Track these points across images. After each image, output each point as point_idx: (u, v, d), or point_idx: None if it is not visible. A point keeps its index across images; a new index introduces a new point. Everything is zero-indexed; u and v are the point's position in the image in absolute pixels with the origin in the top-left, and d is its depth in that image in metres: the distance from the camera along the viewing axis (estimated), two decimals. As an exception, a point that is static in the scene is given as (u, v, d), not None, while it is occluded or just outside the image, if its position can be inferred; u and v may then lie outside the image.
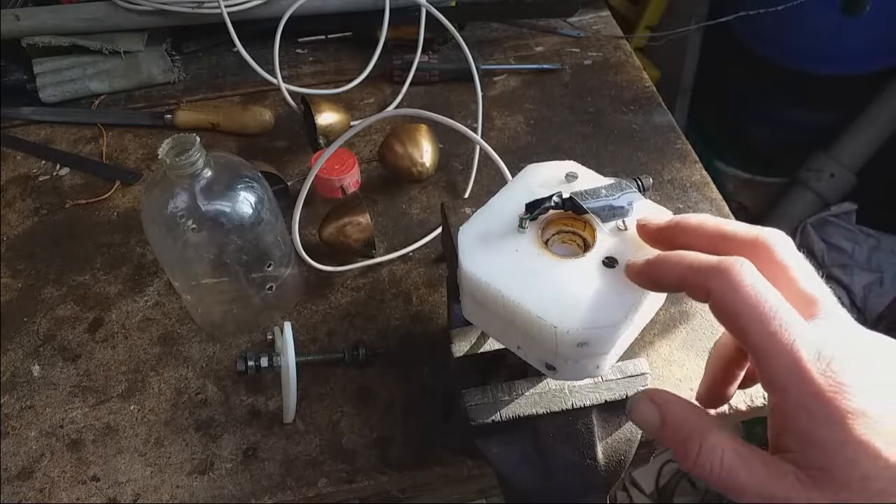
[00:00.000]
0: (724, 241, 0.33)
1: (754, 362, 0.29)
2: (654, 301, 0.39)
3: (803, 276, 0.31)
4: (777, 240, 0.32)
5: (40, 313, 0.66)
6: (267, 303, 0.61)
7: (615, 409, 0.46)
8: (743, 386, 0.38)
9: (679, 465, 0.31)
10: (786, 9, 0.92)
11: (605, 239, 0.39)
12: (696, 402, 0.40)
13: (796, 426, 0.27)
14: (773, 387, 0.28)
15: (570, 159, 0.45)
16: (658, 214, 0.39)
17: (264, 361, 0.56)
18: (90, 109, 0.87)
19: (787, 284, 0.31)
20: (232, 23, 0.79)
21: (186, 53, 0.93)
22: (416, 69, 0.84)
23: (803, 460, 0.27)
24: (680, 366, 0.59)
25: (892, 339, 0.30)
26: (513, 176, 0.54)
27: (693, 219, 0.35)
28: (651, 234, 0.37)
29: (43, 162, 0.81)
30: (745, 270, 0.29)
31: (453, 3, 0.88)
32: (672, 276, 0.33)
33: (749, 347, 0.29)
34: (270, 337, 0.59)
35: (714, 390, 0.39)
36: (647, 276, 0.35)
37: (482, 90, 0.78)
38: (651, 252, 0.37)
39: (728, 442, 0.29)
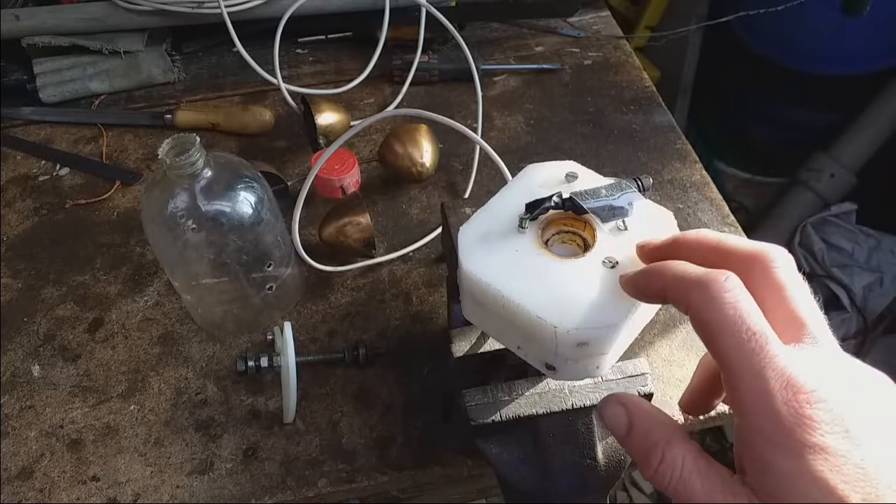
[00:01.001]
0: (722, 254, 0.32)
1: (724, 381, 0.29)
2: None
3: (798, 297, 0.30)
4: (777, 256, 0.31)
5: (40, 313, 0.66)
6: (267, 303, 0.61)
7: (615, 409, 0.46)
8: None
9: (640, 473, 0.31)
10: (786, 9, 0.92)
11: (605, 239, 0.39)
12: (678, 407, 0.40)
13: (753, 451, 0.27)
14: (738, 409, 0.28)
15: (570, 159, 0.45)
16: (659, 222, 0.39)
17: (264, 361, 0.56)
18: (90, 109, 0.87)
19: (778, 303, 0.30)
20: (232, 23, 0.79)
21: (186, 53, 0.93)
22: (416, 69, 0.84)
23: (757, 486, 0.27)
24: (680, 366, 0.59)
25: (880, 374, 0.29)
26: (513, 176, 0.54)
27: (691, 234, 0.34)
28: (651, 254, 0.37)
29: (43, 162, 0.81)
30: (728, 285, 0.29)
31: (453, 3, 0.88)
32: (657, 286, 0.32)
33: (721, 365, 0.29)
34: (270, 337, 0.59)
35: (697, 399, 0.39)
36: (635, 286, 0.34)
37: (482, 90, 0.78)
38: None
39: (690, 454, 0.29)
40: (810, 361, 0.28)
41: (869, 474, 0.25)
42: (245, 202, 0.54)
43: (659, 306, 0.41)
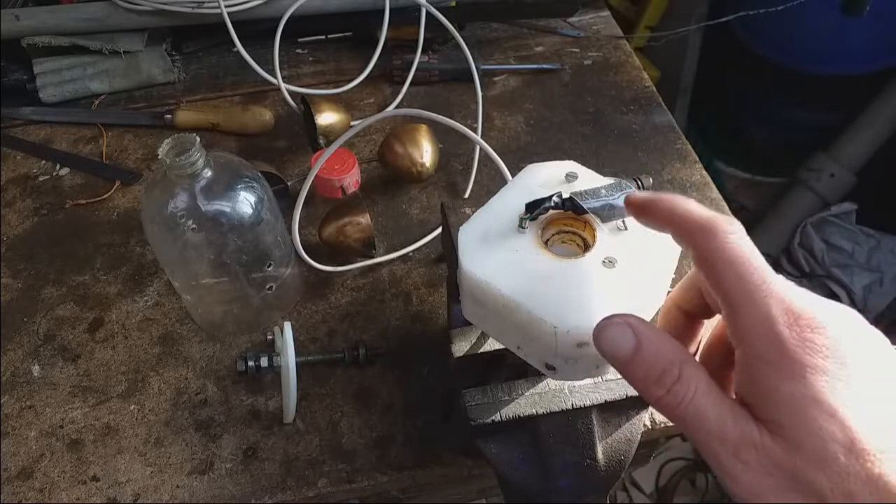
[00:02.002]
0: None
1: (726, 315, 0.29)
2: (654, 301, 0.39)
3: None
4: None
5: (40, 313, 0.66)
6: (267, 303, 0.61)
7: (615, 409, 0.46)
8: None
9: (644, 395, 0.29)
10: (786, 9, 0.92)
11: (605, 239, 0.39)
12: None
13: (757, 381, 0.27)
14: (742, 340, 0.28)
15: (570, 159, 0.45)
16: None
17: (264, 361, 0.56)
18: (90, 109, 0.87)
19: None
20: (232, 23, 0.79)
21: (186, 53, 0.93)
22: (416, 69, 0.84)
23: (760, 414, 0.27)
24: (680, 366, 0.59)
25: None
26: (513, 176, 0.54)
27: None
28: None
29: (43, 162, 0.81)
30: (733, 228, 0.30)
31: (453, 3, 0.88)
32: (664, 216, 0.33)
33: (724, 300, 0.29)
34: (270, 337, 0.59)
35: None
36: (643, 208, 0.34)
37: (482, 90, 0.78)
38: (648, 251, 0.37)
39: (704, 379, 0.28)
40: (808, 295, 0.29)
41: (864, 400, 0.26)
42: (245, 202, 0.54)
43: (660, 305, 0.41)
